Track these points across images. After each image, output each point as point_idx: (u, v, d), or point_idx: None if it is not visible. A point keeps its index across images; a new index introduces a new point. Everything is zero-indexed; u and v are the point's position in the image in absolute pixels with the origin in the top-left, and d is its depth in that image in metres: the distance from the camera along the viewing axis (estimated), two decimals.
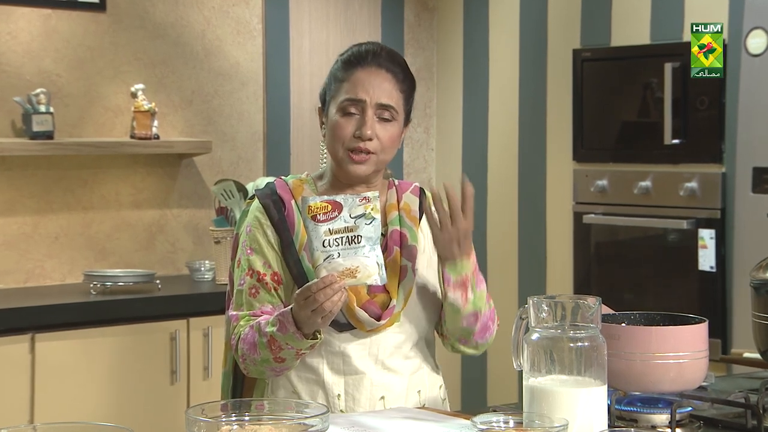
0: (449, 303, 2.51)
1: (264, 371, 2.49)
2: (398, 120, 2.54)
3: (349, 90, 2.51)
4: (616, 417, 2.25)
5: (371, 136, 2.49)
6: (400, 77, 2.55)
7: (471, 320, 2.54)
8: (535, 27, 5.14)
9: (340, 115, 2.52)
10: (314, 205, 2.30)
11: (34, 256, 4.55)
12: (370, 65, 2.53)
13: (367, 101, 2.50)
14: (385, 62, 2.54)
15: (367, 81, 2.51)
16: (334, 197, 2.32)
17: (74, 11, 4.61)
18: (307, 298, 2.31)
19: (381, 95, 2.51)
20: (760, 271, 2.54)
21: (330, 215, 2.30)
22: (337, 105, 2.53)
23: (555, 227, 5.08)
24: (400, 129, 2.56)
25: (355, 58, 2.55)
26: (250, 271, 2.53)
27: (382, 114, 2.51)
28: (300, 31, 5.19)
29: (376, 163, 2.52)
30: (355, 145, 2.50)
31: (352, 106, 2.51)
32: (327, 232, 2.30)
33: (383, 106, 2.51)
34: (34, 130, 4.40)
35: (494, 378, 5.34)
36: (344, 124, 2.51)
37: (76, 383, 4.08)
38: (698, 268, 4.46)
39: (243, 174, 4.98)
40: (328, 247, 2.30)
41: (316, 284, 2.30)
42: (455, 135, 5.53)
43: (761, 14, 4.26)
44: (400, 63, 2.58)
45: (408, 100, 2.57)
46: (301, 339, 2.37)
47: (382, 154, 2.52)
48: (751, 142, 4.31)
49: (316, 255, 2.30)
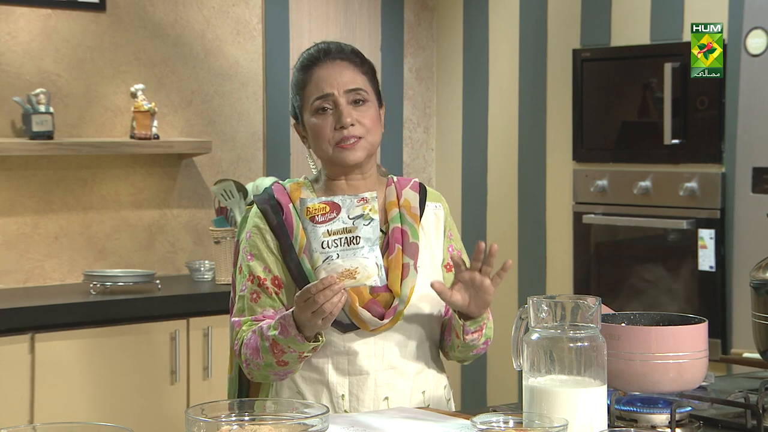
0: (466, 344, 2.54)
1: (268, 375, 2.49)
2: (371, 100, 2.57)
3: (315, 90, 2.55)
4: (616, 417, 2.25)
5: (352, 122, 2.52)
6: (356, 62, 2.59)
7: (481, 348, 2.60)
8: (535, 27, 5.14)
9: (316, 116, 2.55)
10: (312, 207, 2.30)
11: (34, 256, 4.55)
12: (324, 61, 2.57)
13: (334, 93, 2.54)
14: (337, 54, 2.59)
15: (328, 75, 2.55)
16: (332, 198, 2.32)
17: (74, 11, 4.61)
18: (307, 300, 2.32)
19: (345, 82, 2.55)
20: (760, 271, 2.54)
21: (328, 216, 2.30)
22: (310, 109, 2.56)
23: (555, 227, 5.08)
24: (377, 109, 2.59)
25: (309, 61, 2.59)
26: (251, 277, 2.54)
27: (354, 98, 2.55)
28: (300, 31, 5.19)
29: (366, 146, 2.55)
30: (340, 137, 2.52)
31: (324, 102, 2.54)
32: (325, 233, 2.29)
33: (351, 90, 2.55)
34: (34, 130, 4.40)
35: (494, 378, 5.34)
36: (323, 123, 2.54)
37: (76, 383, 4.08)
38: (698, 268, 4.46)
39: (243, 174, 4.99)
40: (326, 248, 2.29)
41: (316, 286, 2.30)
42: (455, 135, 5.53)
43: (761, 14, 4.26)
44: (353, 51, 2.62)
45: (373, 80, 2.61)
46: (303, 341, 2.38)
47: (369, 136, 2.55)
48: (750, 142, 4.31)
49: (315, 256, 2.30)
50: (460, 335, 2.52)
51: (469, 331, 2.52)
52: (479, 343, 2.57)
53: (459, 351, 2.58)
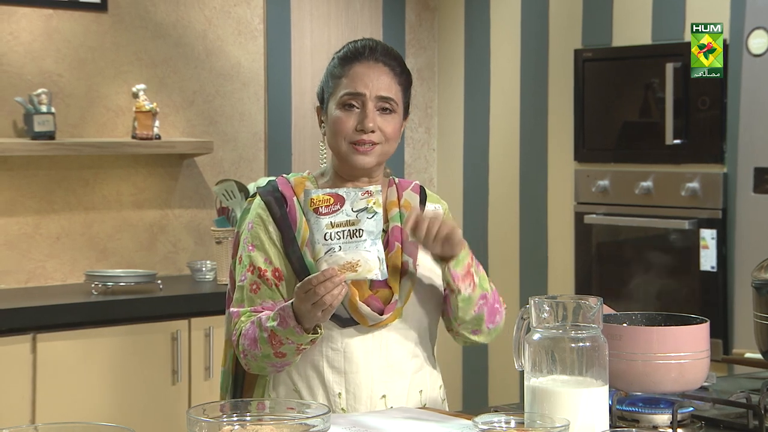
0: (462, 297, 2.51)
1: (265, 367, 2.49)
2: (398, 112, 2.56)
3: (348, 85, 2.53)
4: (618, 417, 2.25)
5: (373, 128, 2.51)
6: (397, 71, 2.57)
7: (481, 304, 2.54)
8: (537, 27, 5.14)
9: (341, 109, 2.53)
10: (316, 198, 2.30)
11: (36, 256, 4.56)
12: (368, 59, 2.55)
13: (366, 94, 2.52)
14: (381, 56, 2.56)
15: (366, 75, 2.53)
16: (337, 190, 2.32)
17: (76, 11, 4.61)
18: (308, 291, 2.31)
19: (380, 88, 2.53)
20: (762, 271, 2.54)
21: (332, 208, 2.30)
22: (337, 100, 2.54)
23: (556, 227, 5.08)
24: (401, 121, 2.58)
25: (352, 54, 2.57)
26: (251, 268, 2.53)
27: (383, 106, 2.53)
28: (301, 32, 5.19)
29: (380, 154, 2.54)
30: (357, 138, 2.51)
31: (352, 99, 2.52)
32: (329, 225, 2.30)
33: (383, 98, 2.53)
34: (36, 131, 4.40)
35: (495, 378, 5.34)
36: (345, 119, 2.52)
37: (78, 383, 4.08)
38: (699, 269, 4.46)
39: (244, 174, 4.99)
40: (329, 240, 2.30)
41: (317, 277, 2.30)
42: (456, 135, 5.53)
43: (762, 14, 4.26)
44: (397, 57, 2.60)
45: (406, 93, 2.59)
46: (302, 333, 2.37)
47: (386, 145, 2.54)
48: (752, 142, 4.31)
49: (317, 248, 2.30)
50: (453, 285, 2.50)
51: (457, 275, 2.49)
52: (475, 296, 2.52)
53: (462, 312, 2.52)
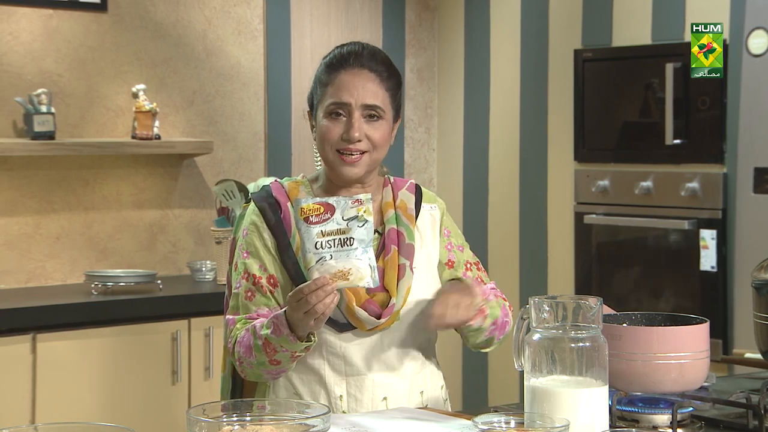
0: (473, 328, 2.55)
1: (261, 374, 2.49)
2: (386, 118, 2.54)
3: (334, 93, 2.52)
4: (618, 417, 2.25)
5: (360, 137, 2.49)
6: (384, 75, 2.54)
7: (492, 329, 2.59)
8: (537, 27, 5.14)
9: (328, 118, 2.52)
10: (307, 207, 2.30)
11: (36, 256, 4.56)
12: (353, 66, 2.53)
13: (352, 103, 2.50)
14: (367, 62, 2.54)
15: (351, 83, 2.51)
16: (327, 199, 2.32)
17: (75, 11, 4.61)
18: (299, 300, 2.31)
19: (366, 96, 2.51)
20: (762, 271, 2.54)
21: (322, 217, 2.30)
22: (324, 109, 2.53)
23: (556, 227, 5.08)
24: (390, 126, 2.56)
25: (338, 61, 2.55)
26: (246, 275, 2.53)
27: (369, 113, 2.52)
28: (301, 32, 5.19)
29: (369, 163, 2.53)
30: (344, 146, 2.50)
31: (338, 108, 2.51)
32: (319, 234, 2.29)
33: (369, 106, 2.51)
34: (36, 131, 4.40)
35: (495, 378, 5.34)
36: (332, 127, 2.51)
37: (78, 383, 4.08)
38: (699, 269, 4.46)
39: (244, 174, 4.99)
40: (320, 249, 2.29)
41: (308, 286, 2.30)
42: (456, 135, 5.53)
43: (762, 14, 4.26)
44: (383, 61, 2.57)
45: (395, 96, 2.57)
46: (295, 341, 2.37)
47: (374, 153, 2.53)
48: (752, 142, 4.31)
49: (309, 257, 2.30)
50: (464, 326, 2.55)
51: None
52: (486, 325, 2.56)
53: (471, 338, 2.59)
